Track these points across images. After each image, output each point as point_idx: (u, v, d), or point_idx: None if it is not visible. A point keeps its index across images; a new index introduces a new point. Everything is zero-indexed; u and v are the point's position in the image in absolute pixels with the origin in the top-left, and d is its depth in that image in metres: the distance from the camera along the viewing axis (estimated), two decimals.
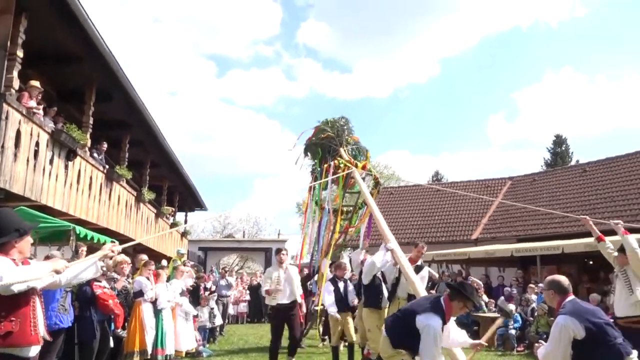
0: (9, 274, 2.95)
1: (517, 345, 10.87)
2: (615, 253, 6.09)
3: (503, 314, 7.10)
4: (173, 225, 18.54)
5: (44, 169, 8.63)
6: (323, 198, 10.65)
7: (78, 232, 8.34)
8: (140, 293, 7.46)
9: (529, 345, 10.26)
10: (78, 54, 9.81)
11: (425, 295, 5.45)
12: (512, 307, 11.49)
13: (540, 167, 37.49)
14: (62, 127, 9.42)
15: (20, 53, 7.88)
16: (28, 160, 8.06)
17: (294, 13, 76.27)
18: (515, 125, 68.77)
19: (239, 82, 70.32)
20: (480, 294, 12.07)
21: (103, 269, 3.86)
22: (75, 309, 6.45)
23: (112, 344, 7.18)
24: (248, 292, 17.94)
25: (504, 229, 19.22)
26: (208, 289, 11.60)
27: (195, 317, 9.79)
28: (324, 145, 10.62)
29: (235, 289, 16.88)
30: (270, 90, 71.95)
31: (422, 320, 4.17)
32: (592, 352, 3.63)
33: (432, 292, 10.40)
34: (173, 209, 19.84)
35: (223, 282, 14.55)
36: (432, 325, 4.12)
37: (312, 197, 10.63)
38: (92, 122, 10.78)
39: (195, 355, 9.29)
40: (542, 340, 6.39)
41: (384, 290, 7.32)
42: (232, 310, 16.95)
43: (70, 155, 9.52)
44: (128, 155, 13.45)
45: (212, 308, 11.28)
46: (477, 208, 21.68)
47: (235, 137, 70.00)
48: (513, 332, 11.03)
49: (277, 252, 8.23)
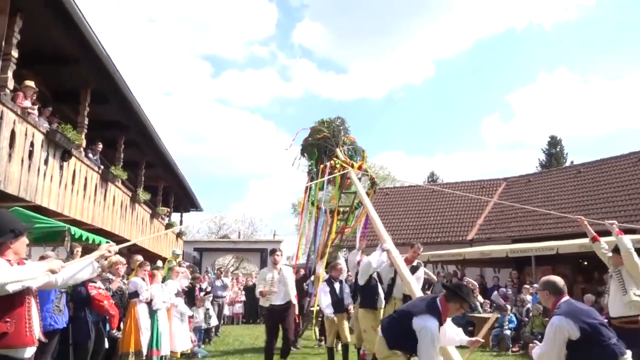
0: (4, 274, 2.93)
1: (512, 346, 10.90)
2: (610, 253, 6.12)
3: (497, 309, 7.09)
4: (168, 226, 18.51)
5: (39, 170, 8.60)
6: (319, 198, 10.66)
7: (73, 232, 8.31)
8: (136, 294, 7.44)
9: (524, 346, 10.28)
10: (73, 54, 9.78)
11: (421, 296, 5.46)
12: (507, 307, 11.52)
13: (535, 168, 37.68)
14: (57, 127, 9.39)
15: (15, 53, 7.86)
16: (23, 161, 8.03)
17: (289, 13, 76.37)
18: (510, 127, 69.08)
19: (234, 82, 70.34)
20: (476, 295, 12.10)
21: (98, 270, 3.83)
22: (70, 310, 6.42)
23: (107, 345, 7.16)
24: (243, 292, 17.93)
25: (499, 230, 19.27)
26: (203, 290, 11.58)
27: (191, 317, 9.77)
28: (320, 146, 10.64)
29: (231, 290, 16.87)
30: (266, 91, 72.02)
31: (418, 323, 4.17)
32: (586, 352, 3.65)
33: (427, 292, 10.42)
34: (168, 210, 19.80)
35: (218, 282, 14.52)
36: (429, 327, 4.13)
37: (308, 197, 10.64)
38: (87, 122, 10.75)
39: (191, 356, 9.28)
40: (536, 341, 6.41)
41: (380, 291, 7.34)
42: (227, 311, 16.95)
43: (65, 156, 9.49)
44: (123, 156, 13.42)
45: (207, 309, 11.26)
46: (472, 209, 21.73)
47: (231, 137, 70.01)
48: (508, 332, 11.07)
49: (271, 252, 8.09)
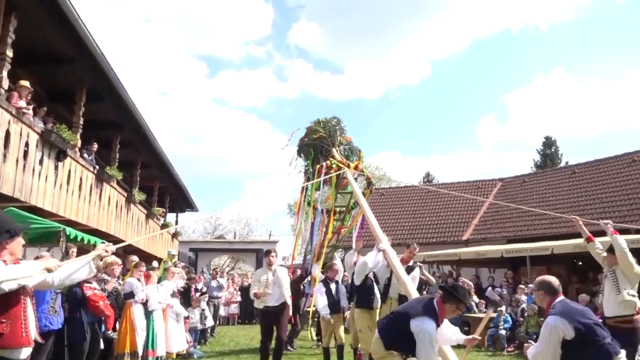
0: None
1: (507, 346, 10.94)
2: (605, 253, 6.14)
3: (492, 304, 7.08)
4: (164, 226, 18.46)
5: (34, 170, 8.56)
6: (316, 198, 10.65)
7: (68, 233, 8.27)
8: (131, 294, 7.43)
9: (519, 346, 10.32)
10: (68, 54, 9.74)
11: (418, 298, 5.48)
12: (502, 302, 11.57)
13: (530, 168, 37.76)
14: (52, 127, 9.35)
15: (10, 53, 7.83)
16: (17, 161, 7.98)
17: (285, 14, 76.37)
18: (506, 127, 69.32)
19: (230, 82, 70.29)
20: (471, 295, 12.13)
21: (95, 270, 3.82)
22: (65, 311, 6.40)
23: (102, 346, 7.15)
24: (239, 293, 17.89)
25: (494, 230, 19.34)
26: (199, 290, 11.58)
27: (186, 318, 9.76)
28: (316, 146, 10.63)
29: (226, 290, 16.84)
30: (262, 91, 72.00)
31: (416, 325, 4.19)
32: (581, 352, 3.67)
33: (424, 293, 10.45)
34: (164, 210, 19.75)
35: (214, 283, 14.52)
36: (427, 330, 4.16)
37: (304, 197, 10.63)
38: (82, 122, 10.71)
39: (186, 357, 9.25)
40: (531, 341, 6.46)
41: (376, 291, 7.34)
42: (223, 312, 16.92)
43: (60, 156, 9.45)
44: (118, 156, 13.38)
45: (203, 309, 11.26)
46: (467, 209, 21.80)
47: (227, 137, 69.98)
48: (503, 332, 11.11)
49: (266, 254, 8.00)
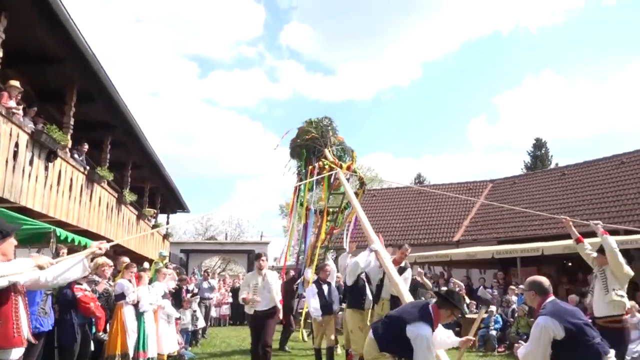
0: None
1: (497, 346, 11.01)
2: (594, 254, 6.20)
3: (483, 303, 7.09)
4: (155, 227, 18.37)
5: (24, 170, 8.48)
6: (308, 199, 10.66)
7: (58, 234, 8.21)
8: (122, 296, 7.39)
9: (510, 346, 10.38)
10: (59, 54, 9.66)
11: (412, 302, 5.51)
12: (493, 308, 11.63)
13: (521, 170, 38.02)
14: (42, 127, 9.28)
15: (0, 52, 7.75)
16: (7, 161, 7.91)
17: (277, 15, 76.35)
18: (496, 129, 69.74)
19: (222, 83, 70.13)
20: (462, 295, 12.19)
21: (89, 269, 3.79)
22: (56, 312, 6.35)
23: (93, 348, 7.10)
24: (230, 294, 17.85)
25: (485, 231, 19.45)
26: (190, 292, 11.53)
27: (178, 319, 9.72)
28: (309, 147, 10.65)
29: (218, 292, 16.79)
30: (253, 92, 71.90)
31: (412, 331, 4.24)
32: (571, 352, 3.70)
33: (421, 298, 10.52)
34: (155, 211, 19.65)
35: (205, 284, 14.47)
36: (423, 335, 4.21)
37: (297, 198, 10.64)
38: (72, 122, 10.62)
39: (178, 359, 9.22)
40: (522, 341, 6.48)
41: (368, 292, 7.36)
42: (214, 313, 16.88)
43: (51, 156, 9.38)
44: (109, 157, 13.28)
45: (194, 310, 11.21)
46: (458, 210, 21.91)
47: (218, 138, 69.78)
48: (494, 332, 11.17)
49: (256, 257, 7.82)
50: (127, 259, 8.59)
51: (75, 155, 11.14)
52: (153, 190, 19.09)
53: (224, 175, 71.93)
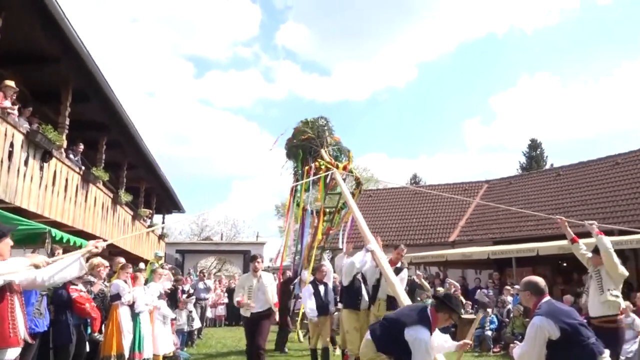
0: None
1: (493, 346, 11.04)
2: (589, 254, 6.22)
3: (481, 307, 7.11)
4: (150, 227, 18.33)
5: (19, 170, 8.45)
6: (305, 199, 10.66)
7: (54, 235, 8.18)
8: (118, 296, 7.36)
9: (505, 346, 10.42)
10: (54, 54, 9.63)
11: (410, 305, 5.53)
12: (491, 304, 11.67)
13: (516, 170, 38.15)
14: (37, 127, 9.24)
15: None
16: (2, 162, 7.88)
17: (273, 15, 76.32)
18: (492, 130, 69.93)
19: (218, 83, 70.05)
20: (458, 296, 12.21)
21: (86, 268, 3.78)
22: (51, 313, 6.33)
23: (88, 348, 7.07)
24: (226, 295, 17.83)
25: (481, 232, 19.49)
26: (186, 292, 11.49)
27: (173, 320, 9.68)
28: (305, 147, 10.64)
29: (214, 292, 16.77)
30: (249, 92, 71.81)
31: (411, 334, 4.26)
32: (566, 352, 3.72)
33: (417, 299, 10.57)
34: (150, 212, 19.61)
35: (201, 285, 14.44)
36: (422, 339, 4.23)
37: (293, 199, 10.63)
38: (68, 122, 10.59)
39: (173, 359, 9.20)
40: (517, 341, 6.51)
41: (364, 292, 7.37)
42: (210, 314, 16.86)
43: (46, 157, 9.34)
44: (105, 157, 13.26)
45: (190, 311, 11.18)
46: (454, 211, 21.94)
47: (213, 138, 69.65)
48: (489, 333, 11.21)
49: (252, 259, 7.77)
50: (122, 260, 8.57)
51: (71, 156, 11.11)
52: (148, 191, 19.05)
53: (220, 176, 71.93)
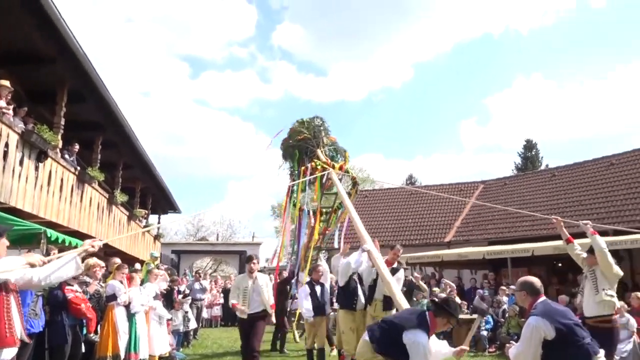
0: None
1: (488, 346, 11.07)
2: (584, 254, 6.24)
3: (479, 312, 7.11)
4: (146, 227, 18.28)
5: (14, 171, 8.42)
6: (301, 200, 10.66)
7: (49, 235, 8.15)
8: (113, 297, 7.35)
9: (501, 346, 10.44)
10: (50, 54, 9.59)
11: (409, 309, 5.54)
12: (489, 310, 11.69)
13: (512, 171, 38.28)
14: (32, 127, 9.21)
15: None
16: None
17: (269, 15, 76.31)
18: (487, 130, 70.12)
19: (213, 83, 69.96)
20: (453, 296, 12.24)
21: (83, 267, 3.76)
22: (46, 314, 6.32)
23: (84, 349, 7.06)
24: (222, 295, 17.81)
25: (476, 232, 19.54)
26: (182, 293, 11.48)
27: (169, 320, 9.68)
28: (301, 147, 10.63)
29: (209, 293, 16.74)
30: (245, 92, 71.79)
31: (409, 337, 4.28)
32: (561, 352, 3.73)
33: (414, 300, 10.62)
34: (146, 212, 19.55)
35: (197, 285, 14.42)
36: (420, 342, 4.25)
37: (290, 199, 10.62)
38: (63, 122, 10.55)
39: None
40: (513, 341, 6.53)
41: (360, 293, 7.37)
42: (206, 314, 16.83)
43: (41, 157, 9.31)
44: (100, 157, 13.20)
45: (186, 312, 11.17)
46: (450, 211, 21.99)
47: (209, 138, 69.52)
48: (485, 333, 11.23)
49: (247, 260, 7.69)
50: (118, 260, 8.55)
51: (66, 156, 11.07)
52: (144, 191, 19.00)
53: (216, 176, 71.83)
